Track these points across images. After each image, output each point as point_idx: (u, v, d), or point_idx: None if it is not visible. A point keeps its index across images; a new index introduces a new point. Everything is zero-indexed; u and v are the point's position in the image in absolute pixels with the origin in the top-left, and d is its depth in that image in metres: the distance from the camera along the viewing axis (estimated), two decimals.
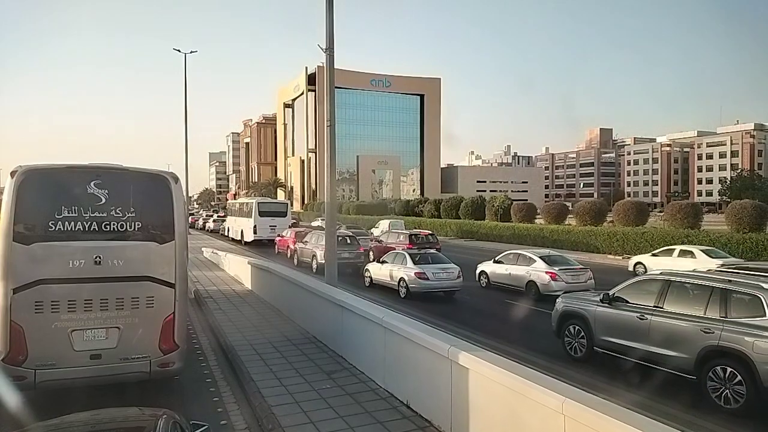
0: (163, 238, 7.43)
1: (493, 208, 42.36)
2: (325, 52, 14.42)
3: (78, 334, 6.86)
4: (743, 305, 7.67)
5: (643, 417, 4.22)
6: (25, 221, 6.89)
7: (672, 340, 8.23)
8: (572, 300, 10.70)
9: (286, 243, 28.80)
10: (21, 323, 6.64)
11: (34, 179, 6.99)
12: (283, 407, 6.91)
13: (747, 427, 7.18)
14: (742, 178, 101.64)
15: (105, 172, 7.32)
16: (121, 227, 7.19)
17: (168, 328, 7.31)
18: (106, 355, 6.97)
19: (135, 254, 7.27)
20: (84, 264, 6.92)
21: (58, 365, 6.79)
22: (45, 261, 6.83)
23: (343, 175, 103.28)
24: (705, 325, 7.82)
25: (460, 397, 5.91)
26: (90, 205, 7.05)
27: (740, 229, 25.48)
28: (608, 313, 9.45)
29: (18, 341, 6.62)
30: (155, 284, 7.28)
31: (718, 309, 7.82)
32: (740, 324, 7.50)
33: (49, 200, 7.01)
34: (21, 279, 6.69)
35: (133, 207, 7.30)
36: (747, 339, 7.30)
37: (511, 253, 18.84)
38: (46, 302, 6.75)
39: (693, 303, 8.28)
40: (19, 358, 6.62)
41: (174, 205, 7.53)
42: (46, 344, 6.74)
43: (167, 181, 7.58)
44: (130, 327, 7.08)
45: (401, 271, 17.02)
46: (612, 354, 9.38)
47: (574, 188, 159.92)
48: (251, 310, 13.52)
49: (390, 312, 8.22)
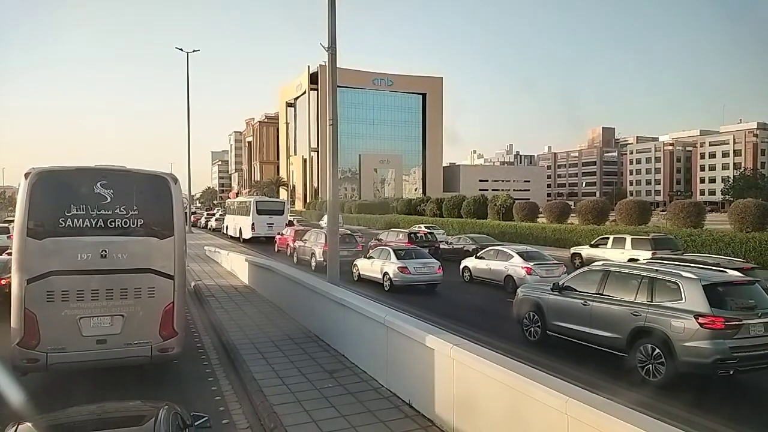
0: (163, 234, 8.04)
1: (496, 207, 42.27)
2: (327, 50, 14.41)
3: (86, 321, 7.50)
4: (665, 291, 8.68)
5: (647, 417, 4.21)
6: (38, 218, 7.55)
7: (608, 322, 9.26)
8: (530, 289, 11.73)
9: (286, 241, 29.09)
10: (34, 311, 7.28)
11: (46, 180, 7.63)
12: (285, 406, 6.91)
13: (667, 396, 7.84)
14: (745, 177, 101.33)
15: (110, 173, 7.96)
16: (125, 224, 7.82)
17: (168, 316, 7.94)
18: (111, 340, 7.58)
19: (137, 248, 7.89)
20: (91, 257, 7.55)
21: (67, 349, 7.40)
22: (56, 254, 7.43)
23: (345, 174, 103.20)
24: (634, 309, 8.87)
25: (463, 397, 5.90)
26: (96, 203, 7.68)
27: (743, 228, 25.40)
28: (558, 300, 10.45)
29: (31, 327, 7.26)
30: (156, 276, 7.89)
31: (645, 294, 8.86)
32: (662, 307, 8.53)
33: (60, 199, 7.62)
34: (34, 271, 7.33)
35: (135, 205, 7.92)
36: (666, 320, 8.35)
37: (491, 249, 20.02)
38: (56, 292, 7.38)
39: (626, 290, 9.27)
40: (33, 342, 7.27)
41: (173, 204, 8.21)
42: (57, 330, 7.36)
43: (167, 182, 8.24)
44: (133, 315, 7.72)
45: (385, 266, 17.98)
46: (561, 337, 10.36)
47: (577, 187, 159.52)
48: (253, 309, 13.52)
49: (392, 311, 8.21)
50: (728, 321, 7.97)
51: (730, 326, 7.95)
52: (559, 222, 36.55)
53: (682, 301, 8.32)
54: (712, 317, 7.95)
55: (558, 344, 10.49)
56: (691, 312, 8.12)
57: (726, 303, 8.29)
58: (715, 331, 7.91)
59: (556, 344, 10.53)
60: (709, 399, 8.10)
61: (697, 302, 8.17)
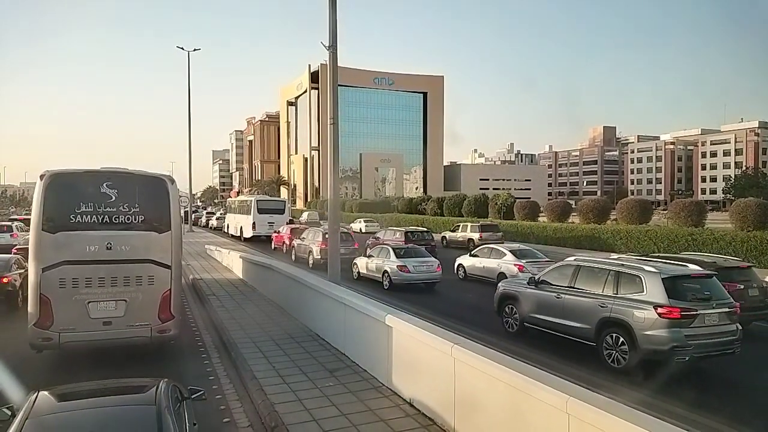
0: (161, 228, 9.02)
1: (496, 206, 42.24)
2: (328, 49, 14.40)
3: (93, 305, 8.51)
4: (629, 283, 9.22)
5: (648, 416, 4.20)
6: (51, 215, 8.51)
7: (578, 314, 9.82)
8: (509, 284, 12.41)
9: (282, 239, 29.43)
10: (48, 296, 8.32)
11: (58, 181, 8.64)
12: (286, 405, 6.91)
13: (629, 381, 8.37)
14: (747, 176, 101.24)
15: (114, 175, 8.94)
16: (128, 220, 8.81)
17: (165, 301, 8.92)
18: (116, 322, 8.60)
19: (139, 242, 8.84)
20: (98, 249, 8.55)
21: (77, 330, 8.39)
22: (67, 246, 8.44)
23: (346, 172, 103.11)
24: (601, 301, 9.43)
25: (464, 396, 5.90)
26: (102, 201, 8.65)
27: (744, 227, 25.33)
28: (534, 293, 10.97)
29: (46, 310, 8.30)
30: (155, 266, 8.87)
31: (612, 287, 9.42)
32: (626, 299, 9.10)
33: (70, 198, 8.60)
34: (48, 261, 8.36)
35: (137, 203, 8.88)
36: (629, 310, 8.92)
37: (485, 248, 20.35)
38: (68, 279, 8.40)
39: (595, 283, 9.80)
40: (47, 324, 8.30)
41: (170, 202, 9.17)
42: (68, 313, 8.36)
43: (165, 183, 9.23)
44: (134, 300, 8.73)
45: (385, 264, 18.15)
46: (537, 328, 10.89)
47: (578, 186, 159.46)
48: (254, 307, 13.53)
49: (394, 310, 8.19)
50: (684, 311, 8.55)
51: (686, 316, 8.54)
52: (560, 221, 36.50)
53: (644, 293, 8.87)
54: (670, 308, 8.53)
55: (535, 335, 10.97)
56: (651, 303, 8.69)
57: (683, 295, 8.83)
58: (672, 321, 8.49)
59: (533, 335, 11.02)
60: (709, 399, 8.09)
61: (656, 294, 8.72)
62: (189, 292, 16.68)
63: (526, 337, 11.08)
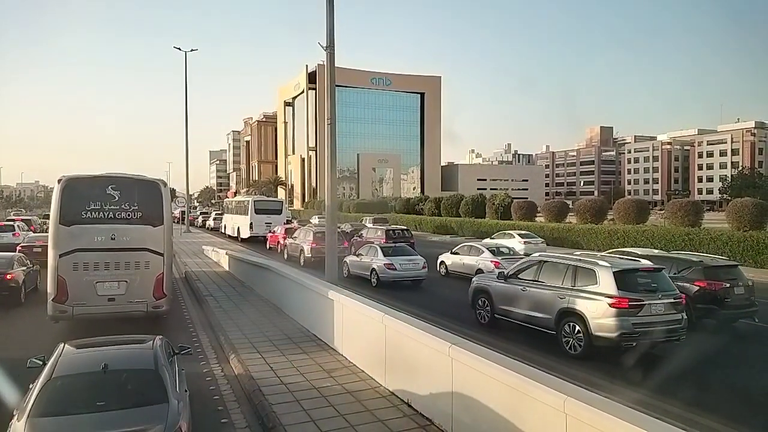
0: (155, 223, 11.03)
1: (494, 206, 42.27)
2: (325, 49, 14.42)
3: (100, 284, 10.55)
4: (585, 276, 9.97)
5: (645, 415, 4.21)
6: (67, 211, 10.52)
7: (541, 305, 10.56)
8: (481, 278, 13.18)
9: (277, 239, 29.70)
10: (64, 276, 10.38)
11: (72, 184, 10.69)
12: (283, 405, 6.91)
13: (584, 366, 9.06)
14: (743, 176, 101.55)
15: (118, 179, 11.10)
16: (128, 216, 10.84)
17: (159, 282, 10.93)
18: (118, 299, 10.63)
19: (137, 234, 10.84)
20: (104, 239, 10.59)
21: (87, 304, 10.45)
22: (79, 237, 10.48)
23: (343, 173, 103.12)
24: (560, 293, 10.17)
25: (461, 396, 5.90)
26: (108, 201, 10.71)
27: (741, 227, 25.40)
28: (503, 287, 11.69)
29: (62, 288, 10.37)
30: (150, 253, 10.90)
31: (570, 280, 10.16)
32: (581, 290, 9.85)
33: (82, 198, 10.63)
34: (64, 248, 10.42)
35: (136, 202, 10.89)
36: (584, 301, 9.68)
37: (465, 245, 21.37)
38: (80, 263, 10.46)
39: (556, 276, 10.53)
40: (63, 299, 10.38)
41: (163, 201, 11.22)
42: (80, 291, 10.40)
43: (159, 186, 11.34)
44: (133, 281, 10.75)
45: (373, 263, 18.64)
46: (505, 319, 11.65)
47: (575, 186, 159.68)
48: (251, 307, 13.53)
49: (391, 310, 8.20)
50: (632, 301, 9.30)
51: (634, 306, 9.30)
52: (558, 221, 36.55)
53: (597, 285, 9.62)
54: (619, 298, 9.27)
55: (504, 326, 11.71)
56: (603, 294, 9.45)
57: (632, 286, 9.56)
58: (621, 310, 9.23)
59: (503, 326, 11.73)
60: (709, 398, 8.10)
61: (608, 286, 9.46)
62: (187, 292, 16.65)
63: (496, 328, 11.76)
